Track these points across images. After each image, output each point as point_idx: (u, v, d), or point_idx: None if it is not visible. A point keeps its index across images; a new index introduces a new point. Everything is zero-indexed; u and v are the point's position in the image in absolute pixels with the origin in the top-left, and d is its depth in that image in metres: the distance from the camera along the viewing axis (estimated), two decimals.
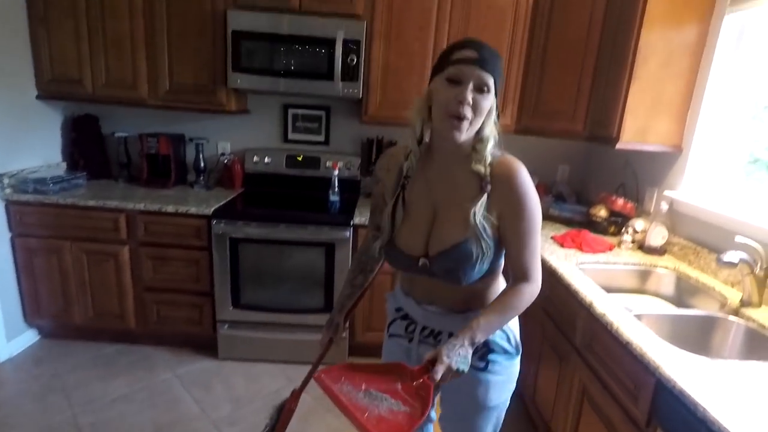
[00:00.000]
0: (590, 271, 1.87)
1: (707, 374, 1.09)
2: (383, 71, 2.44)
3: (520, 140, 2.68)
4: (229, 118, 2.79)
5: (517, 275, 1.07)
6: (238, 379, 2.42)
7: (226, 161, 2.82)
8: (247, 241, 2.38)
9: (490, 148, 1.04)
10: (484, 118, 1.02)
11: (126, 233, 2.39)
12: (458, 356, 0.93)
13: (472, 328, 0.98)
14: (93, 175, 2.73)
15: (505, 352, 1.16)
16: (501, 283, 1.20)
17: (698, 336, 1.52)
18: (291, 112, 2.84)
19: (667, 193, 2.08)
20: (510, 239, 1.06)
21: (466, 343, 0.96)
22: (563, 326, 1.76)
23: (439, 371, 0.90)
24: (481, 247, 1.03)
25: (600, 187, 2.65)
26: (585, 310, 1.54)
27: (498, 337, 1.14)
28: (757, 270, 1.48)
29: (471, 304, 1.15)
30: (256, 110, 2.85)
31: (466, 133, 1.01)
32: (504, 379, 1.17)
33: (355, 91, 2.41)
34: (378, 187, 1.21)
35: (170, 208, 2.34)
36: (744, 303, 1.52)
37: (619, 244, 2.13)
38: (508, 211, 1.04)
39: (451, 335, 1.05)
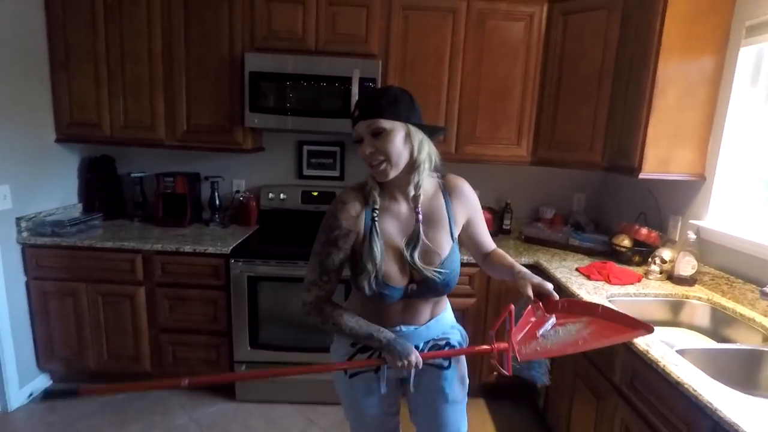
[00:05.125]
0: (621, 304, 1.83)
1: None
2: None
3: (534, 171, 2.71)
4: (244, 156, 2.80)
5: (489, 249, 1.36)
6: (257, 421, 2.34)
7: (241, 198, 2.81)
8: (265, 279, 2.35)
9: (424, 172, 1.16)
10: (416, 147, 1.13)
11: (143, 274, 2.36)
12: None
13: (517, 266, 1.23)
14: (108, 215, 2.72)
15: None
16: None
17: (743, 371, 1.47)
18: (306, 148, 2.86)
19: (693, 221, 2.06)
20: (478, 230, 1.33)
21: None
22: (599, 362, 1.70)
23: (551, 287, 1.12)
24: (460, 251, 1.27)
25: (619, 215, 2.63)
26: (624, 346, 1.50)
27: (456, 338, 1.34)
28: None
29: (435, 311, 1.30)
30: (271, 147, 2.87)
31: (394, 170, 1.12)
32: (464, 373, 1.38)
33: None
34: (348, 238, 1.17)
35: (188, 248, 2.32)
36: None
37: (647, 274, 2.09)
38: (472, 212, 1.30)
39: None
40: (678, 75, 1.94)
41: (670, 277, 2.04)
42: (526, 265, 2.31)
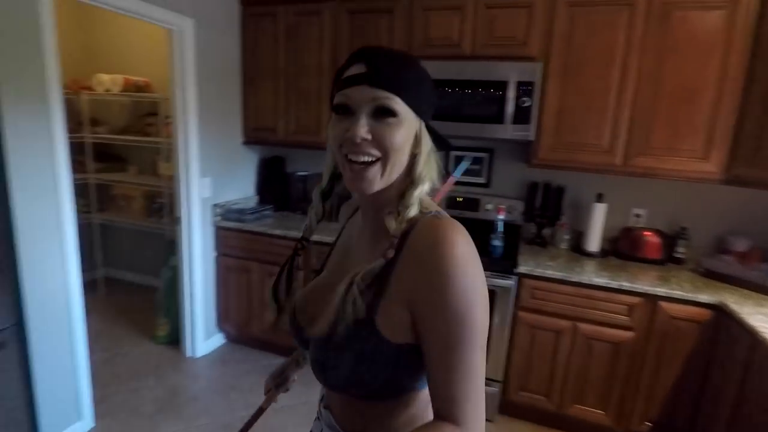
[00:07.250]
0: None
1: None
2: (557, 113, 2.28)
3: (725, 191, 2.24)
4: None
5: (438, 410, 0.67)
6: None
7: None
8: None
9: (419, 195, 0.73)
10: (422, 157, 0.74)
11: None
12: None
13: None
14: (277, 207, 3.13)
15: None
16: (419, 416, 0.79)
17: None
18: (452, 153, 2.85)
19: None
20: (427, 348, 0.68)
21: None
22: None
23: None
24: (360, 342, 0.69)
25: None
26: None
27: None
28: None
29: (368, 428, 0.80)
30: None
31: (383, 180, 0.71)
32: None
33: (526, 134, 2.29)
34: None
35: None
36: None
37: None
38: (421, 300, 0.67)
39: None
40: None
41: None
42: (707, 305, 1.95)
